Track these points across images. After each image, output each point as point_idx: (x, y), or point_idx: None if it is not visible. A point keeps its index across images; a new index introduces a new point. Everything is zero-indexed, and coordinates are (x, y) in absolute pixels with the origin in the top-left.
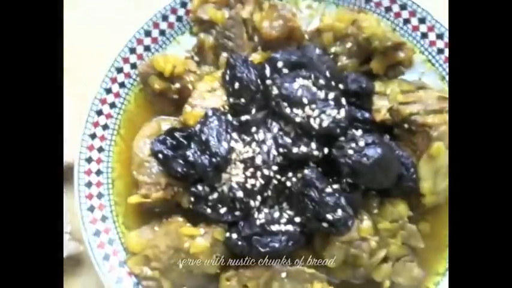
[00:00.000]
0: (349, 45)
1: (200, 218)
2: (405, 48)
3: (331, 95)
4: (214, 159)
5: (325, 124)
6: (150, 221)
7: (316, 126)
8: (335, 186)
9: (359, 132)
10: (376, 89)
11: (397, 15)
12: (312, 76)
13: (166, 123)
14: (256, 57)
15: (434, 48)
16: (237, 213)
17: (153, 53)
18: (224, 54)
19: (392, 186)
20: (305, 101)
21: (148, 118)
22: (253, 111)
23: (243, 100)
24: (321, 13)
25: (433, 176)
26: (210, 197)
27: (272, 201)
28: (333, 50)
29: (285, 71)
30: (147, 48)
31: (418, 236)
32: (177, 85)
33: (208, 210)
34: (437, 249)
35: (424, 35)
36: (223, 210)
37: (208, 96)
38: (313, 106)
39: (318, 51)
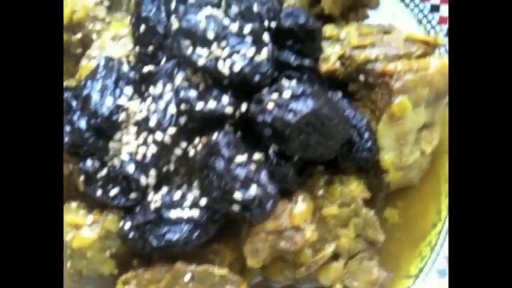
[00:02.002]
0: None
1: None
2: None
3: (248, 28)
4: (93, 121)
5: (237, 68)
6: None
7: (225, 71)
8: (257, 156)
9: (293, 83)
10: (327, 33)
11: None
12: (223, 2)
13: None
14: None
15: None
16: (133, 195)
17: None
18: None
19: (342, 159)
20: (210, 35)
21: None
22: (163, 61)
23: (150, 48)
24: None
25: (397, 144)
26: (99, 175)
27: (181, 180)
28: None
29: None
30: None
31: (376, 224)
32: (79, 35)
33: (99, 192)
34: (409, 244)
35: None
36: (114, 191)
37: (110, 45)
38: (223, 44)
39: None
